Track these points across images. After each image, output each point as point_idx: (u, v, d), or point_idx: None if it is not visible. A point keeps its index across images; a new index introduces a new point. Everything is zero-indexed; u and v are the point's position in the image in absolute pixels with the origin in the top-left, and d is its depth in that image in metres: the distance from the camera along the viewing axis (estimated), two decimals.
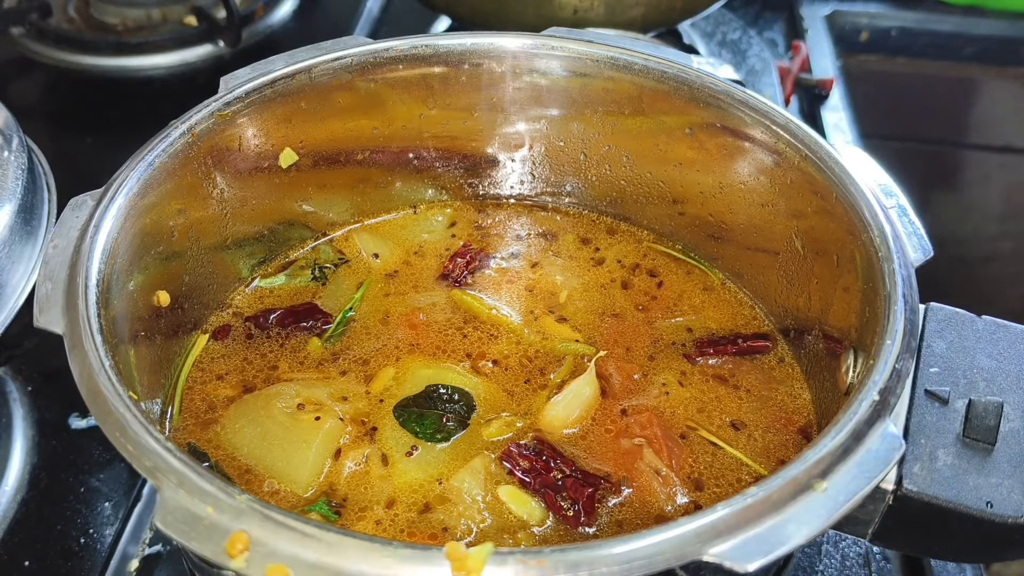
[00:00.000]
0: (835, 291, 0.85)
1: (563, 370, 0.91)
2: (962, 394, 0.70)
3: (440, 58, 0.98)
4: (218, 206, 0.92)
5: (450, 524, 0.77)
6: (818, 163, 0.84)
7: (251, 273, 1.00)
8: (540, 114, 1.03)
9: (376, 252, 1.03)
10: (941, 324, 0.74)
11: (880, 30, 1.98)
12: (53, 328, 0.69)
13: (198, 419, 0.85)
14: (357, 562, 0.54)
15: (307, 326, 0.94)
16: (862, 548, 0.95)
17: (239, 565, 0.54)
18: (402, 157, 1.05)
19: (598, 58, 0.97)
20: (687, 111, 0.95)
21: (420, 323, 0.95)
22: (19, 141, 1.00)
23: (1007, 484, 0.65)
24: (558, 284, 1.01)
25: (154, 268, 0.84)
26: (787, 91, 1.63)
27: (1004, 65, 1.98)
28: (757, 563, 0.55)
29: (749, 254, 0.98)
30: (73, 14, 1.69)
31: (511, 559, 0.54)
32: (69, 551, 0.93)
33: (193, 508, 0.57)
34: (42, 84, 1.64)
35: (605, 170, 1.05)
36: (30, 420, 1.05)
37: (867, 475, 0.61)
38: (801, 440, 0.85)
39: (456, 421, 0.85)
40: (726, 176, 0.96)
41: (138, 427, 0.61)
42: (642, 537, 0.56)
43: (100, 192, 0.79)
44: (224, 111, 0.89)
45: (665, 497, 0.80)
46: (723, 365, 0.92)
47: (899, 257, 0.74)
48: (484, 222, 1.09)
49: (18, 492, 0.97)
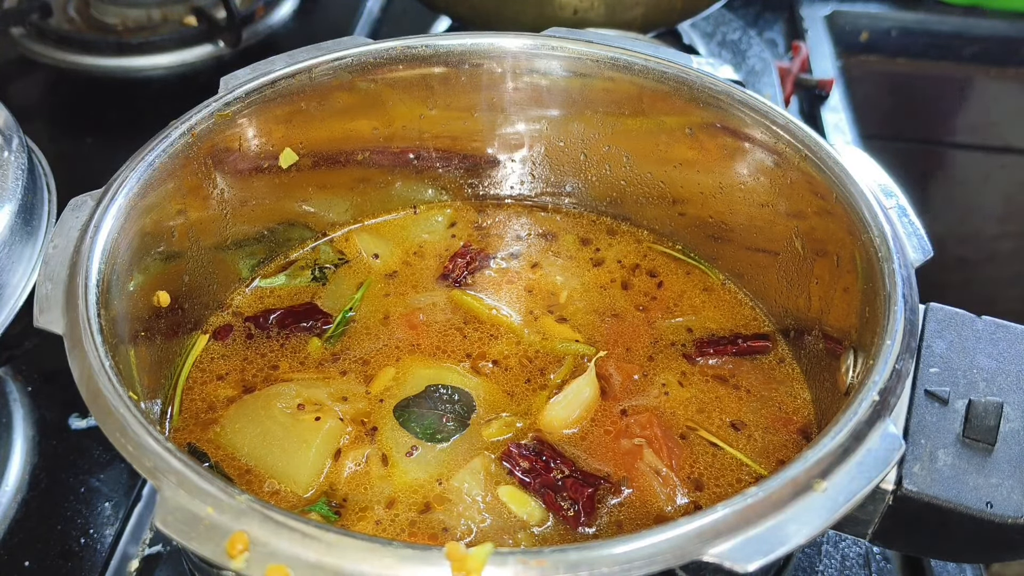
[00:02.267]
0: (835, 291, 0.85)
1: (563, 370, 0.91)
2: (962, 394, 0.70)
3: (440, 58, 0.98)
4: (218, 206, 0.92)
5: (450, 524, 0.77)
6: (818, 163, 0.84)
7: (251, 273, 1.00)
8: (540, 114, 1.03)
9: (376, 252, 1.03)
10: (941, 324, 0.74)
11: (880, 30, 1.98)
12: (53, 328, 0.69)
13: (198, 419, 0.85)
14: (357, 562, 0.54)
15: (307, 326, 0.94)
16: (862, 548, 0.95)
17: (239, 565, 0.54)
18: (402, 157, 1.05)
19: (598, 58, 0.97)
20: (687, 111, 0.95)
21: (420, 323, 0.95)
22: (19, 141, 1.00)
23: (1007, 484, 0.65)
24: (558, 284, 1.01)
25: (154, 268, 0.84)
26: (787, 91, 1.63)
27: (1004, 65, 1.98)
28: (757, 563, 0.55)
29: (749, 254, 0.98)
30: (73, 14, 1.69)
31: (511, 559, 0.54)
32: (69, 551, 0.92)
33: (193, 508, 0.57)
34: (42, 84, 1.64)
35: (605, 170, 1.05)
36: (30, 420, 1.05)
37: (867, 475, 0.61)
38: (801, 440, 0.85)
39: (456, 421, 0.85)
40: (726, 176, 0.96)
41: (138, 427, 0.61)
42: (642, 537, 0.56)
43: (100, 192, 0.79)
44: (224, 111, 0.89)
45: (665, 497, 0.80)
46: (723, 365, 0.92)
47: (899, 257, 0.74)
48: (484, 222, 1.09)
49: (18, 492, 0.97)
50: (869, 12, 1.98)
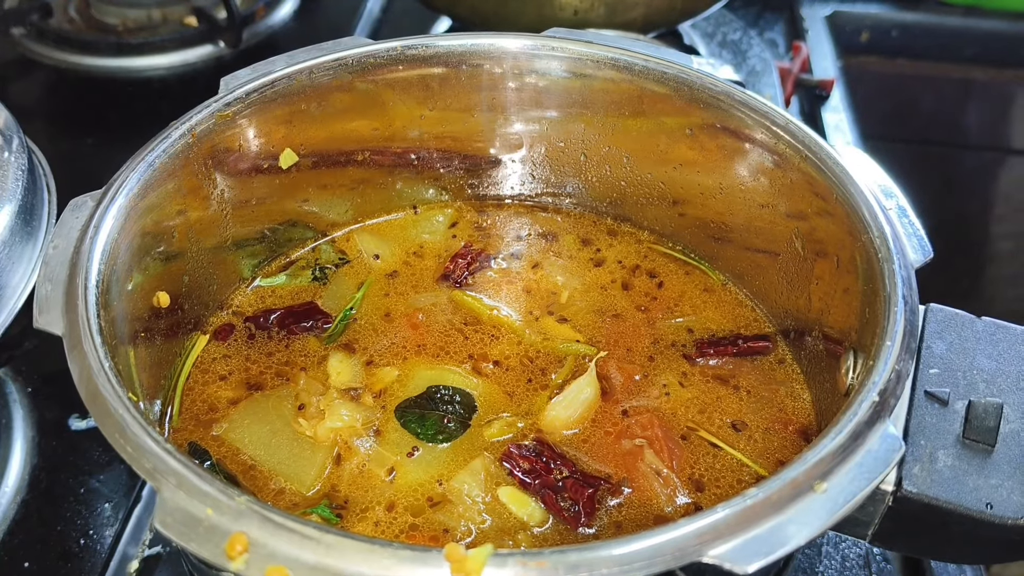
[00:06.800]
0: (835, 292, 0.85)
1: (564, 370, 0.90)
2: (962, 395, 0.70)
3: (440, 59, 0.98)
4: (218, 207, 0.92)
5: (450, 525, 0.77)
6: (818, 164, 0.84)
7: (252, 273, 1.00)
8: (540, 115, 1.03)
9: (377, 252, 1.03)
10: (941, 325, 0.74)
11: (880, 31, 1.98)
12: (53, 329, 0.69)
13: (198, 420, 0.85)
14: (357, 564, 0.54)
15: (308, 326, 0.94)
16: (862, 549, 0.95)
17: (239, 566, 0.54)
18: (403, 158, 1.05)
19: (598, 59, 0.97)
20: (687, 112, 0.94)
21: (421, 324, 0.95)
22: (19, 142, 1.00)
23: (1007, 485, 0.65)
24: (559, 285, 1.01)
25: (154, 269, 0.84)
26: (787, 92, 1.63)
27: (1004, 65, 1.98)
28: (757, 564, 0.55)
29: (749, 255, 0.97)
30: (74, 15, 1.69)
31: (511, 560, 0.54)
32: (69, 552, 0.92)
33: (192, 509, 0.57)
34: (42, 85, 1.63)
35: (605, 171, 1.05)
36: (30, 421, 1.05)
37: (867, 476, 0.61)
38: (801, 441, 0.85)
39: (457, 422, 0.85)
40: (726, 177, 0.96)
41: (138, 428, 0.61)
42: (642, 538, 0.56)
43: (100, 193, 0.79)
44: (224, 112, 0.89)
45: (665, 498, 0.80)
46: (723, 366, 0.92)
47: (899, 258, 0.74)
48: (485, 223, 1.09)
49: (18, 493, 0.97)
50: (870, 12, 1.98)
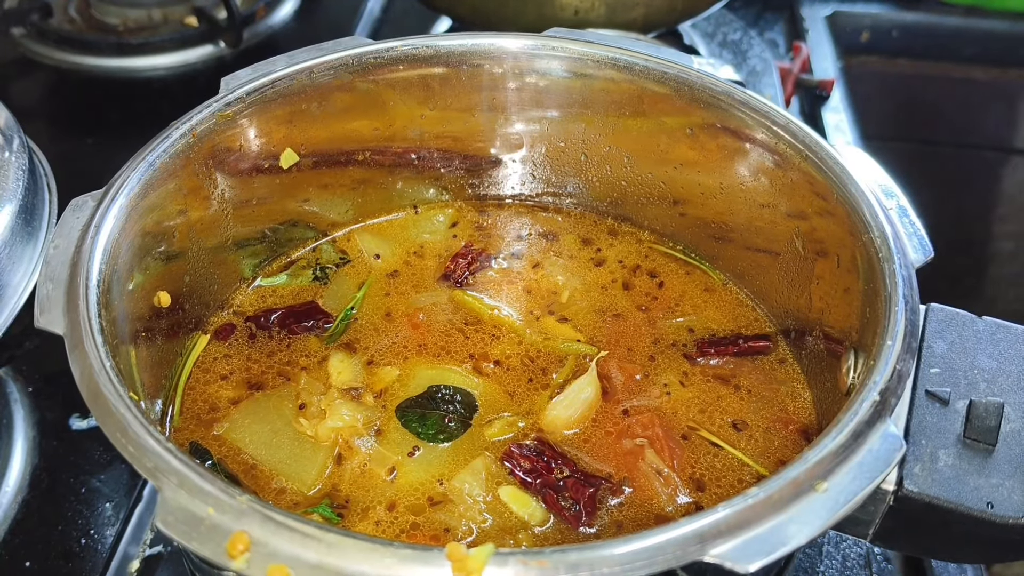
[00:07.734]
0: (836, 292, 0.85)
1: (565, 370, 0.91)
2: (963, 395, 0.70)
3: (441, 59, 0.98)
4: (219, 206, 0.92)
5: (451, 525, 0.77)
6: (819, 164, 0.84)
7: (253, 273, 1.00)
8: (541, 115, 1.03)
9: (377, 252, 1.03)
10: (942, 325, 0.74)
11: (881, 31, 1.98)
12: (54, 329, 0.69)
13: (199, 419, 0.85)
14: (358, 563, 0.54)
15: (309, 326, 0.94)
16: (863, 549, 0.95)
17: (240, 566, 0.54)
18: (403, 157, 1.05)
19: (599, 59, 0.97)
20: (688, 112, 0.95)
21: (421, 323, 0.95)
22: (20, 142, 1.00)
23: (1008, 485, 0.65)
24: (559, 284, 1.01)
25: (155, 268, 0.84)
26: (788, 92, 1.63)
27: (1004, 65, 1.98)
28: (758, 564, 0.55)
29: (750, 255, 0.98)
30: (74, 15, 1.69)
31: (512, 560, 0.54)
32: (70, 552, 0.92)
33: (194, 509, 0.57)
34: (43, 85, 1.63)
35: (606, 171, 1.05)
36: (31, 421, 1.05)
37: (868, 476, 0.61)
38: (802, 440, 0.85)
39: (458, 422, 0.85)
40: (727, 177, 0.96)
41: (139, 428, 0.61)
42: (643, 538, 0.56)
43: (101, 193, 0.79)
44: (225, 111, 0.89)
45: (666, 497, 0.80)
46: (724, 365, 0.92)
47: (900, 258, 0.74)
48: (485, 222, 1.09)
49: (19, 493, 0.97)
50: (870, 12, 1.98)
